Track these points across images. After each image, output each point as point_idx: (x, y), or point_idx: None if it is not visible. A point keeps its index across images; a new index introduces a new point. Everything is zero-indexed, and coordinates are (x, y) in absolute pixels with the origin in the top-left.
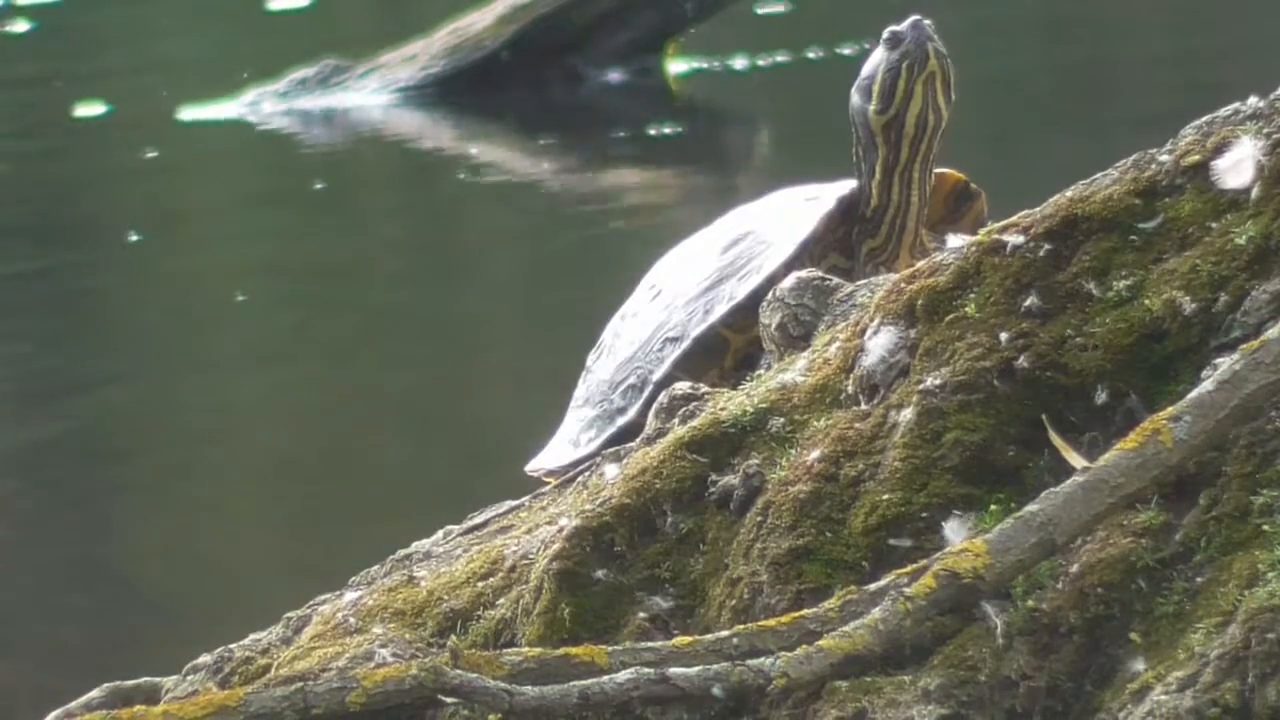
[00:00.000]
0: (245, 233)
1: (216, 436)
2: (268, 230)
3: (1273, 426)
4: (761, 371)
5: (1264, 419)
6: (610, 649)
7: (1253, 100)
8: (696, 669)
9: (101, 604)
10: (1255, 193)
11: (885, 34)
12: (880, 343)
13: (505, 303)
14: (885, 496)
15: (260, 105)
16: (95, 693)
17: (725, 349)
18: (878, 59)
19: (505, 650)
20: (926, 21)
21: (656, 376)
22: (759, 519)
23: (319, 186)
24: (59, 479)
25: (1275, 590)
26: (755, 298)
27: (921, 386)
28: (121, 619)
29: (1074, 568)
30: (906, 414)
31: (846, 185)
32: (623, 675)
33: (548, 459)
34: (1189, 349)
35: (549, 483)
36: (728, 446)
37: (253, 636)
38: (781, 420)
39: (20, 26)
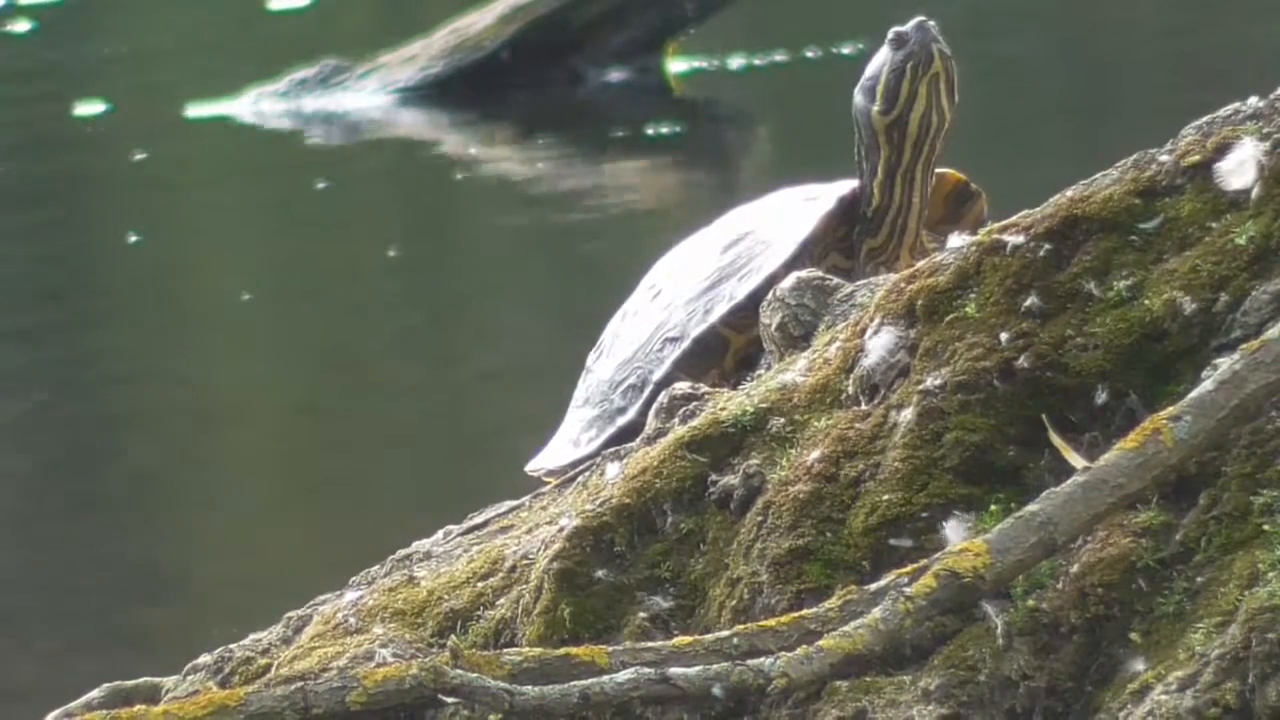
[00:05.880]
0: (246, 233)
1: (218, 436)
2: (269, 230)
3: (1273, 426)
4: (761, 371)
5: (1264, 419)
6: (610, 649)
7: (1253, 100)
8: (697, 669)
9: (102, 604)
10: (1256, 193)
11: (890, 34)
12: (880, 343)
13: (505, 302)
14: (885, 497)
15: (260, 105)
16: (95, 693)
17: (725, 349)
18: (882, 59)
19: (505, 650)
20: (931, 22)
21: (657, 376)
22: (759, 519)
23: (320, 186)
24: (60, 480)
25: (1275, 590)
26: (755, 298)
27: (922, 386)
28: (122, 619)
29: (1074, 567)
30: (907, 414)
31: (847, 185)
32: (623, 675)
33: (548, 459)
34: (1189, 349)
35: (549, 483)
36: (728, 446)
37: (253, 636)
38: (782, 420)
39: (21, 26)
